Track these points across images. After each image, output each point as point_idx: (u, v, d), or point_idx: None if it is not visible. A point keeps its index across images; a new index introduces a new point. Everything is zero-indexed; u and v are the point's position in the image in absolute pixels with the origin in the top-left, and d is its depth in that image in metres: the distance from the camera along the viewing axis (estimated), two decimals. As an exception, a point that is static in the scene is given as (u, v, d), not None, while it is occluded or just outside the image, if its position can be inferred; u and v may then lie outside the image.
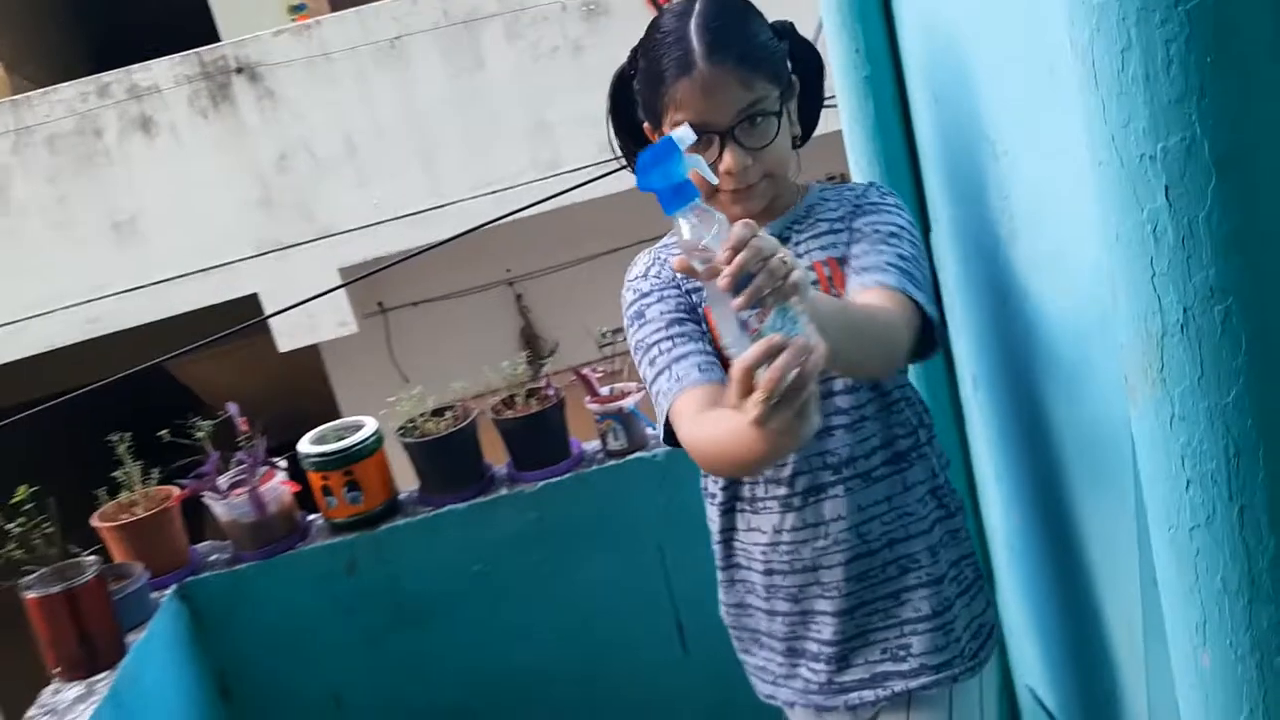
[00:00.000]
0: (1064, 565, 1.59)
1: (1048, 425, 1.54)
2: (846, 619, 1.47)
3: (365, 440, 2.27)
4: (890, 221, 1.44)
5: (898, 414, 1.45)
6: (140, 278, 5.06)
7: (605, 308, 6.66)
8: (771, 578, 1.50)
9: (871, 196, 1.49)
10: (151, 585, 2.22)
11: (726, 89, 1.33)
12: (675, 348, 1.39)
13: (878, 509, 1.44)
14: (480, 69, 5.23)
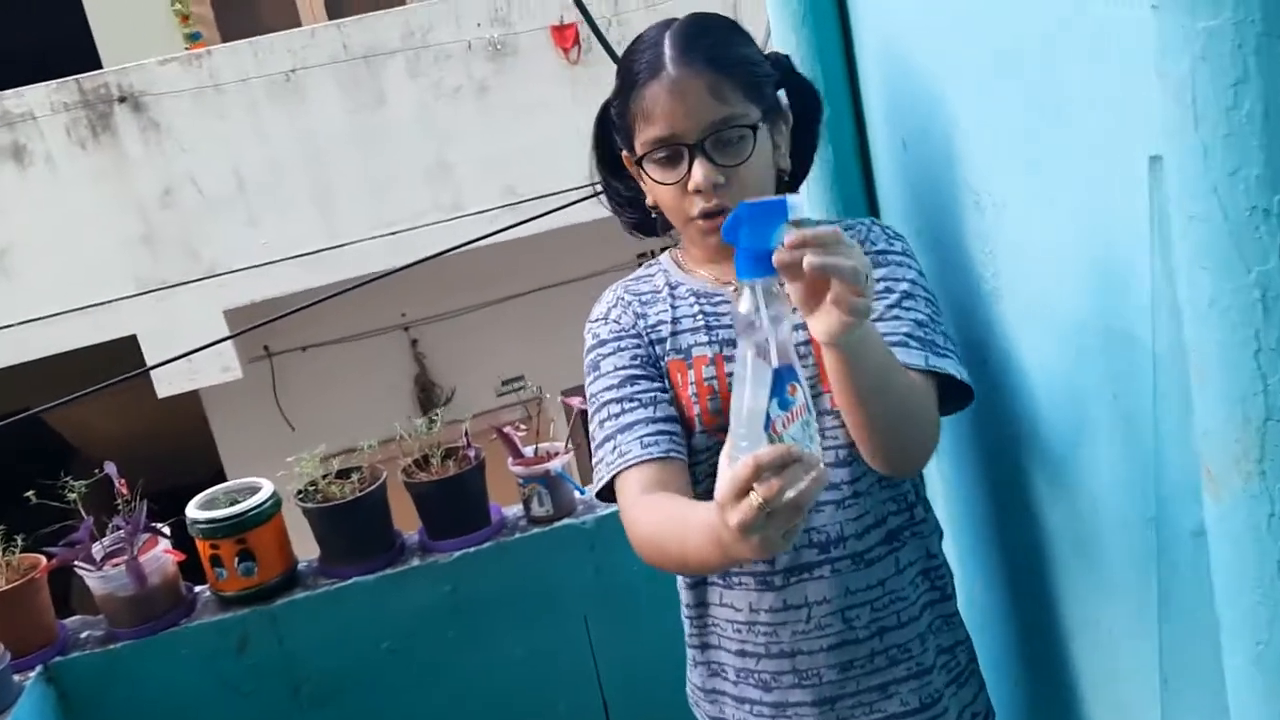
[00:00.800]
0: (1049, 657, 1.47)
1: (1028, 503, 1.42)
2: (826, 710, 1.32)
3: (261, 505, 2.05)
4: (901, 278, 1.30)
5: (894, 487, 1.32)
6: (8, 316, 4.69)
7: (504, 355, 6.48)
8: (744, 660, 1.35)
9: (877, 243, 1.34)
10: (13, 666, 1.96)
11: (696, 95, 1.21)
12: (624, 413, 1.29)
13: (869, 593, 1.30)
14: (380, 106, 5.03)
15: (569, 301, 6.43)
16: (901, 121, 1.54)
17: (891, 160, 1.61)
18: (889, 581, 1.31)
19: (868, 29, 1.59)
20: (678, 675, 2.21)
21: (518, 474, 2.15)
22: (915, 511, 1.35)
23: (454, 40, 4.97)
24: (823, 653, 1.31)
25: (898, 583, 1.32)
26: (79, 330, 4.76)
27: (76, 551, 2.02)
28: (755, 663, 1.34)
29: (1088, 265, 1.16)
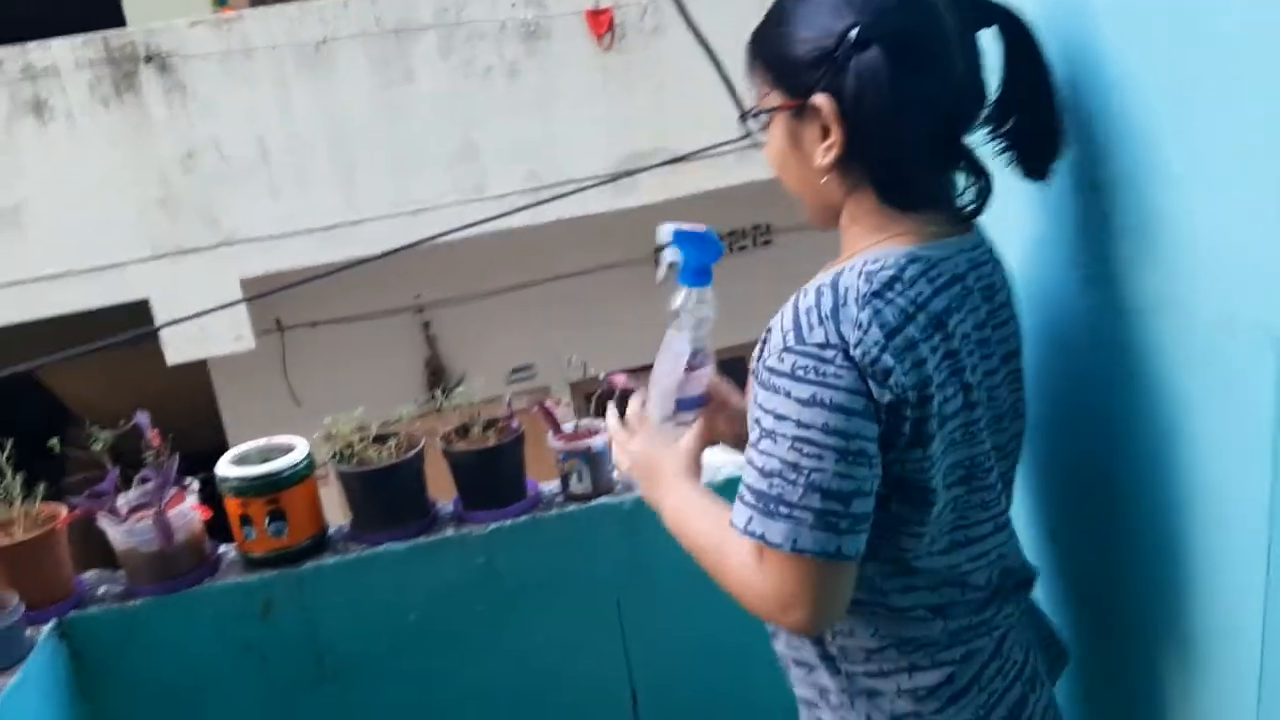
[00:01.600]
0: (1128, 662, 1.41)
1: (1112, 498, 1.36)
2: None
3: (295, 465, 1.98)
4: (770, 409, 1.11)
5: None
6: (17, 273, 4.61)
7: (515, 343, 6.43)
8: None
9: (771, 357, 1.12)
10: (26, 619, 1.88)
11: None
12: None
13: None
14: (409, 82, 4.96)
15: (582, 293, 6.38)
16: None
17: (983, 136, 1.55)
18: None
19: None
20: (709, 666, 2.15)
21: (557, 449, 2.08)
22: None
23: (488, 19, 4.90)
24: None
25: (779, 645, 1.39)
26: (90, 291, 4.68)
27: (101, 503, 1.94)
28: None
29: (1216, 250, 1.10)
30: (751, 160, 4.70)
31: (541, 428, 2.13)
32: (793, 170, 1.23)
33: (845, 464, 1.09)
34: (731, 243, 6.47)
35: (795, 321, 1.11)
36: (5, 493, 1.96)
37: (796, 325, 1.11)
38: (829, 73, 1.13)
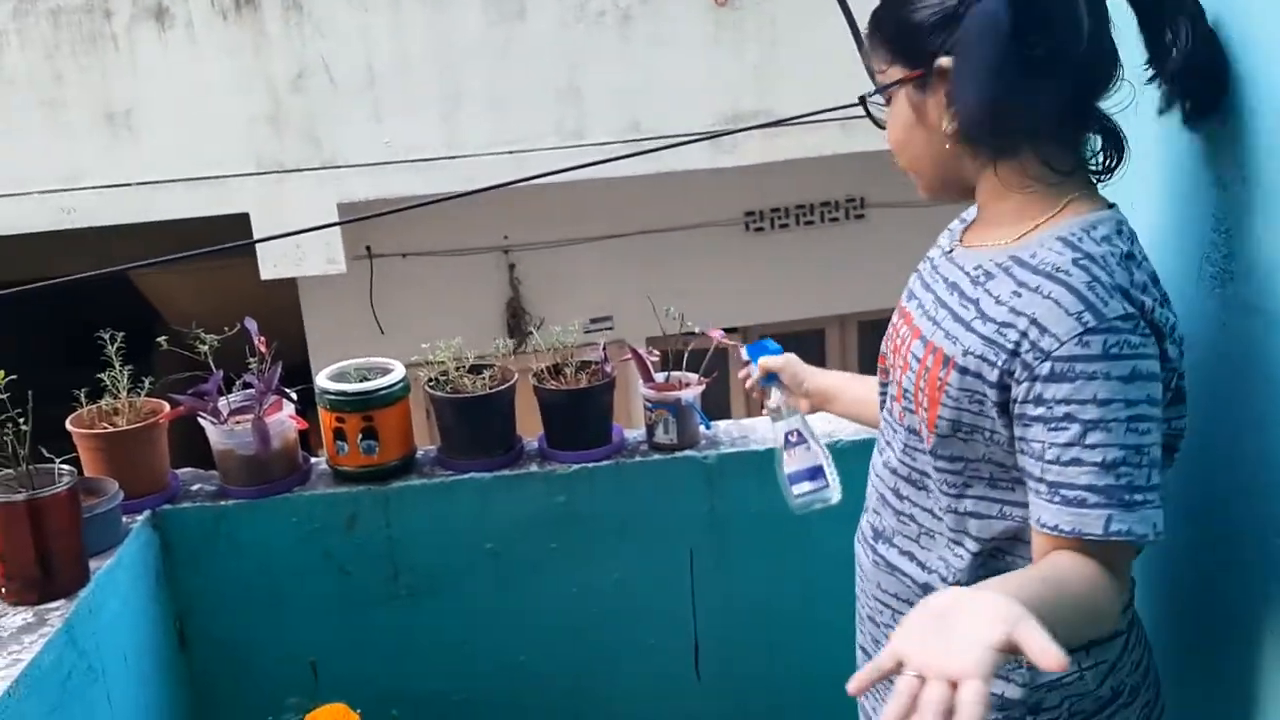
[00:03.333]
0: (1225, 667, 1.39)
1: (1224, 499, 1.34)
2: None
3: (392, 385, 2.02)
4: (1090, 397, 1.04)
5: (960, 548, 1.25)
6: (127, 175, 4.72)
7: (597, 293, 6.44)
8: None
9: (1067, 344, 1.05)
10: (123, 507, 1.95)
11: None
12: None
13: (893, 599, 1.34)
14: (520, 20, 4.96)
15: (669, 249, 6.37)
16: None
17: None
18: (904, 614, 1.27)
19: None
20: (772, 629, 2.17)
21: (648, 398, 2.09)
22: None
23: (606, -37, 4.88)
24: (864, 615, 1.40)
25: None
26: (193, 200, 4.78)
27: (203, 403, 2.00)
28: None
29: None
30: (854, 131, 4.64)
31: (629, 376, 2.15)
32: (918, 144, 1.21)
33: (1160, 433, 1.08)
34: (825, 213, 6.41)
35: (1083, 302, 1.06)
36: (113, 384, 2.03)
37: (1087, 305, 1.06)
38: (952, 33, 1.11)
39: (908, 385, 1.24)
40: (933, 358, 1.18)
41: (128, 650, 1.87)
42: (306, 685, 2.05)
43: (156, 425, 2.01)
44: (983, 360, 1.12)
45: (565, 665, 2.15)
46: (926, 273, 1.31)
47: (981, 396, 1.13)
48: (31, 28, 4.59)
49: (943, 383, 1.16)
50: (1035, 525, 1.11)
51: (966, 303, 1.18)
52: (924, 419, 1.20)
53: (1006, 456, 1.15)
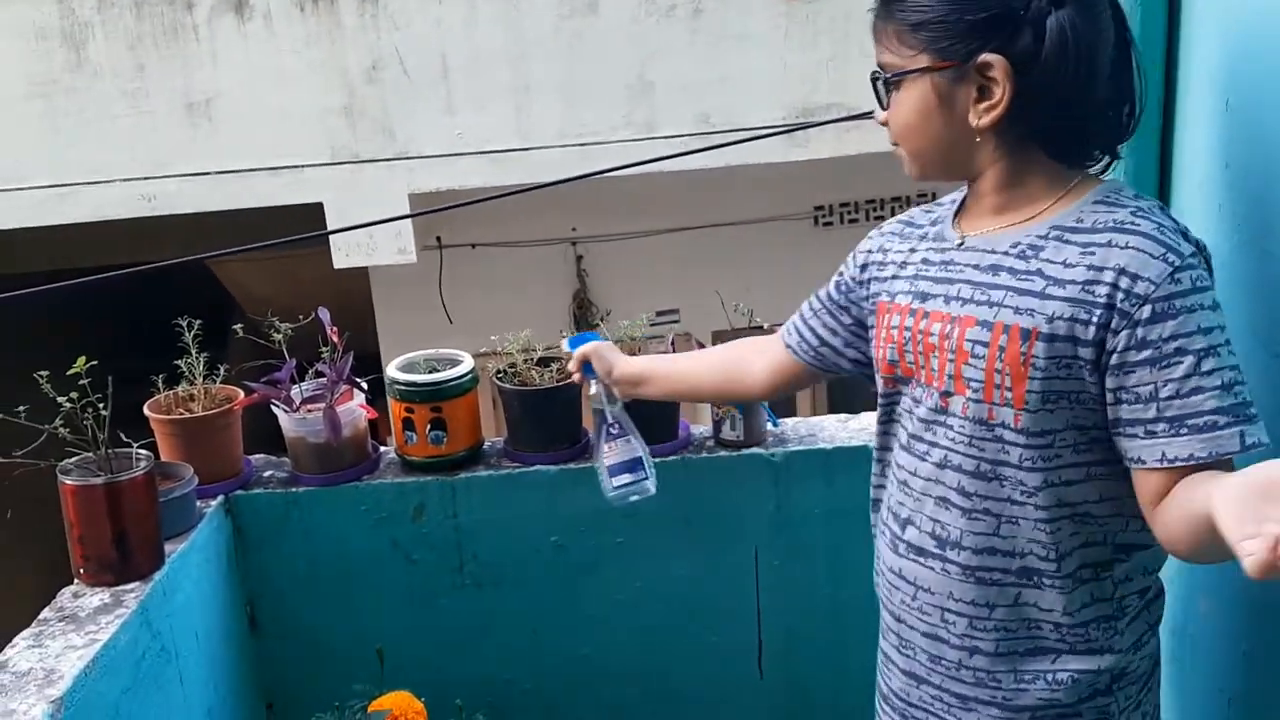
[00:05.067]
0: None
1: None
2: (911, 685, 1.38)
3: (461, 377, 2.03)
4: (1196, 328, 1.12)
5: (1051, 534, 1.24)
6: (206, 164, 4.81)
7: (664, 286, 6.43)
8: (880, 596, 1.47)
9: (1162, 284, 1.12)
10: (197, 492, 1.99)
11: (873, 38, 1.27)
12: (808, 301, 1.55)
13: (971, 609, 1.29)
14: (592, 13, 4.96)
15: (737, 242, 6.34)
16: (1231, 80, 1.41)
17: (1205, 123, 1.48)
18: (999, 610, 1.26)
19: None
20: (840, 627, 2.15)
21: (715, 393, 2.08)
22: (1071, 563, 1.24)
23: (679, -43, 4.86)
24: (919, 635, 1.34)
25: (1009, 615, 1.26)
26: (270, 189, 4.85)
27: (276, 391, 2.03)
28: (883, 605, 1.42)
29: None
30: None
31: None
32: (935, 129, 1.23)
33: None
34: (895, 208, 6.34)
35: (1162, 245, 1.14)
36: (189, 370, 2.07)
37: (1166, 247, 1.13)
38: (1007, 34, 1.15)
39: (973, 375, 1.22)
40: (1006, 336, 1.19)
41: (200, 632, 1.91)
42: (373, 672, 2.08)
43: (231, 412, 2.05)
44: (1074, 321, 1.16)
45: (629, 659, 2.15)
46: (934, 269, 1.30)
47: (1071, 359, 1.17)
48: (115, 19, 4.69)
49: (1027, 356, 1.17)
50: (1156, 465, 1.14)
51: (1026, 277, 1.20)
52: (1008, 399, 1.20)
53: (1088, 417, 1.19)
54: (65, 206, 4.78)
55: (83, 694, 1.52)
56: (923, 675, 1.35)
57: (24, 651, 1.60)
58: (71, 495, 1.76)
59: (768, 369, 1.61)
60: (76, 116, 4.73)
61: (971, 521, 1.27)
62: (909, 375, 1.31)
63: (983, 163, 1.25)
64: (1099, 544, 1.24)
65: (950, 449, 1.27)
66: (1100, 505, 1.23)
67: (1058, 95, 1.17)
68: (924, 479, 1.31)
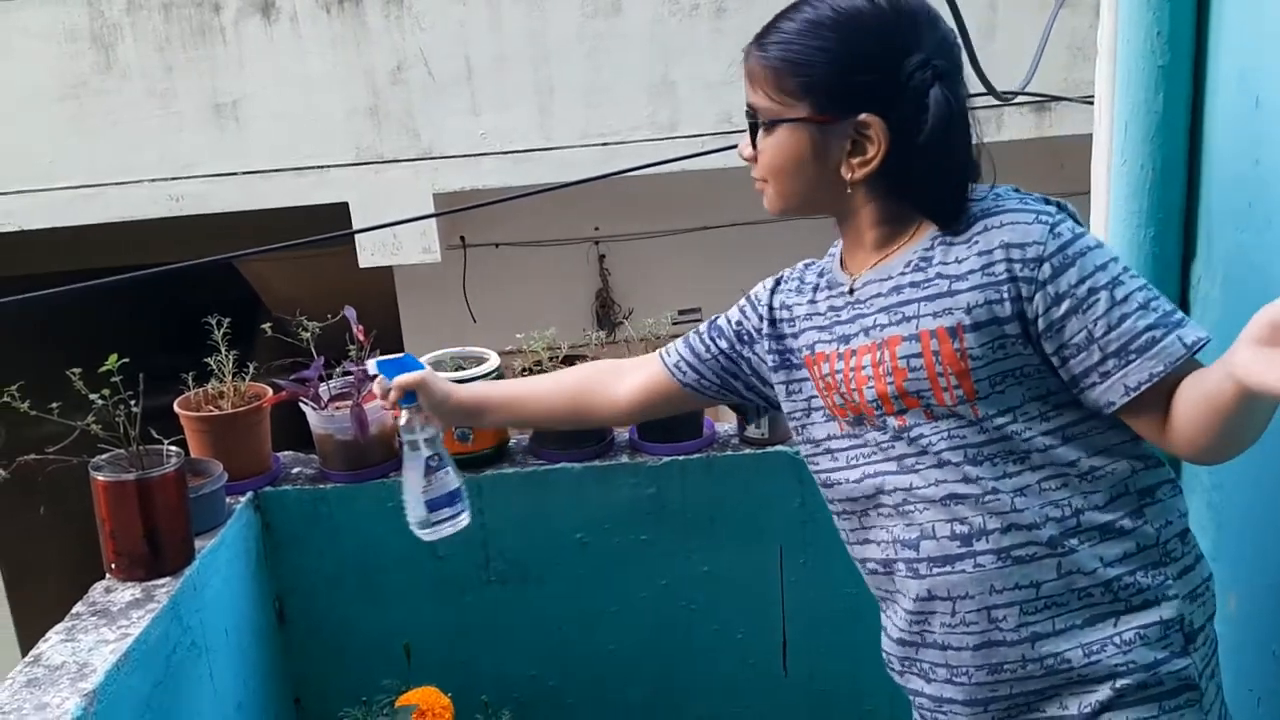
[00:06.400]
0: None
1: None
2: (979, 712, 1.30)
3: (487, 375, 2.05)
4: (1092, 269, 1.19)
5: (1064, 490, 1.24)
6: (233, 165, 4.85)
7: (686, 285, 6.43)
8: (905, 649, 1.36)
9: (1048, 242, 1.19)
10: (227, 489, 2.01)
11: (746, 78, 1.29)
12: (697, 335, 1.53)
13: (1017, 593, 1.25)
14: (616, 14, 4.97)
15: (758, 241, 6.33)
16: (1260, 77, 1.40)
17: (1235, 121, 1.47)
18: (1045, 586, 1.24)
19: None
20: (865, 626, 2.14)
21: (739, 391, 2.09)
22: (1096, 518, 1.23)
23: (702, -44, 4.87)
24: (969, 653, 1.27)
25: (1056, 589, 1.24)
26: (296, 189, 4.88)
27: (304, 389, 2.05)
28: (915, 651, 1.32)
29: None
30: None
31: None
32: (805, 175, 1.28)
33: None
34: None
35: (1030, 211, 1.21)
36: (218, 368, 2.09)
37: (1034, 211, 1.21)
38: (888, 97, 1.21)
39: (918, 386, 1.24)
40: (935, 339, 1.22)
41: (229, 627, 1.93)
42: (400, 667, 2.10)
43: (260, 409, 2.07)
44: (989, 304, 1.20)
45: (653, 656, 2.16)
46: (843, 312, 1.33)
47: (1001, 339, 1.21)
48: (144, 21, 4.74)
49: (962, 351, 1.21)
50: (1124, 399, 1.18)
51: (928, 284, 1.24)
52: (960, 396, 1.22)
53: (1042, 385, 1.22)
54: (94, 206, 4.83)
55: (115, 688, 1.54)
56: (987, 694, 1.29)
57: (57, 646, 1.62)
58: (103, 491, 1.78)
59: (637, 389, 1.57)
60: (105, 118, 4.78)
61: (986, 504, 1.25)
62: (859, 413, 1.31)
63: (851, 206, 1.30)
64: (1122, 495, 1.24)
65: (934, 453, 1.26)
66: (1097, 458, 1.24)
67: (930, 161, 1.23)
68: (923, 488, 1.28)
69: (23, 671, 1.56)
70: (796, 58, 1.22)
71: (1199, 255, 1.59)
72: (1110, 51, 1.65)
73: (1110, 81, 1.65)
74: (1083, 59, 4.42)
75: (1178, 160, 1.59)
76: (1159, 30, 1.53)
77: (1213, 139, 1.54)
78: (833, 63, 1.21)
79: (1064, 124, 4.77)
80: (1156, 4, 1.53)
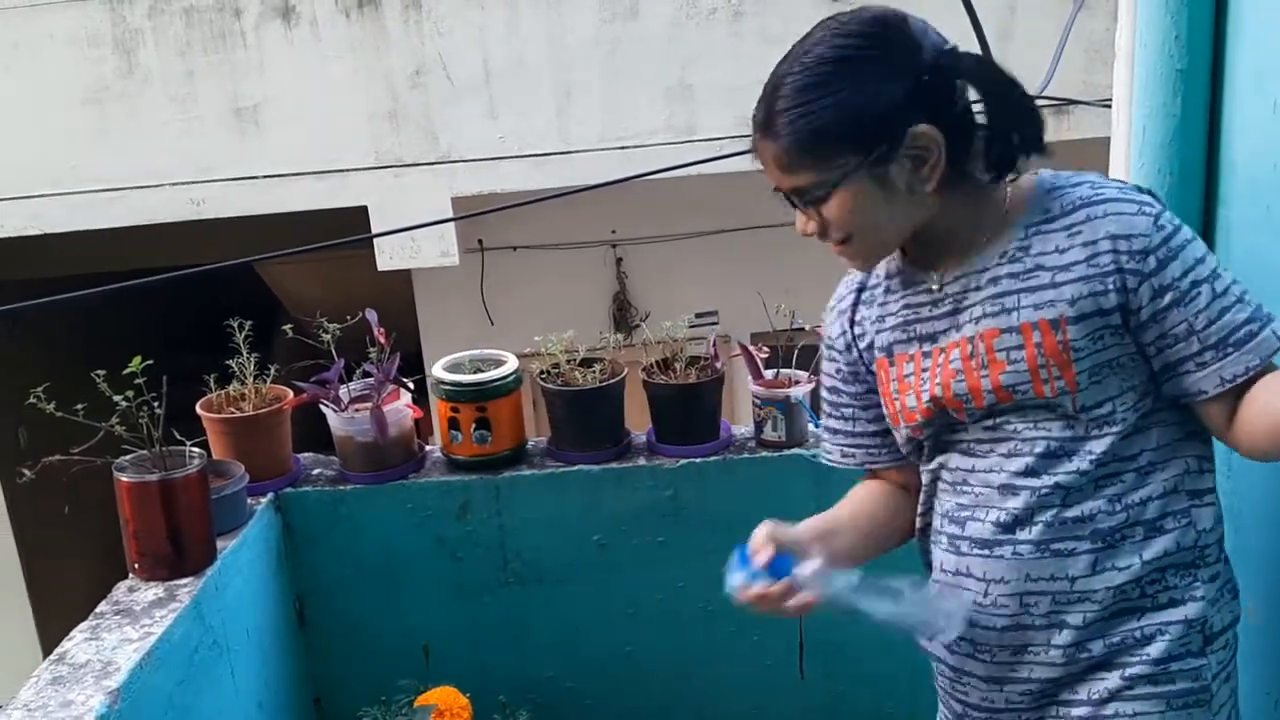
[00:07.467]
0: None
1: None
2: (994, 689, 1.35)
3: (505, 377, 2.06)
4: (1194, 261, 1.20)
5: (1115, 487, 1.25)
6: (253, 169, 4.88)
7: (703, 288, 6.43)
8: None
9: (1154, 235, 1.19)
10: (248, 490, 2.03)
11: (769, 164, 1.25)
12: (829, 415, 1.50)
13: (1051, 584, 1.27)
14: (633, 18, 4.99)
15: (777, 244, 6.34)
16: (1278, 81, 1.41)
17: (1253, 125, 1.48)
18: (1079, 581, 1.26)
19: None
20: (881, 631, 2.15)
21: (756, 394, 2.10)
22: (1144, 513, 1.24)
23: (720, -40, 4.88)
24: (996, 633, 1.30)
25: (1090, 584, 1.25)
26: (315, 193, 4.91)
27: (325, 391, 2.07)
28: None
29: None
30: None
31: (733, 372, 2.16)
32: (885, 213, 1.24)
33: None
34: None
35: (1132, 203, 1.21)
36: (239, 370, 2.11)
37: (1136, 203, 1.21)
38: (917, 103, 1.19)
39: (1015, 380, 1.23)
40: (1037, 332, 1.22)
41: (250, 627, 1.95)
42: (419, 667, 2.11)
43: (281, 411, 2.09)
44: (1093, 296, 1.20)
45: (671, 658, 2.17)
46: (925, 309, 1.31)
47: (1103, 330, 1.21)
48: (166, 26, 4.78)
49: (1065, 343, 1.21)
50: (1219, 389, 1.19)
51: (1028, 275, 1.24)
52: (1061, 387, 1.22)
53: (1135, 375, 1.23)
54: (116, 210, 4.87)
55: (139, 685, 1.56)
56: (1006, 674, 1.32)
57: (81, 644, 1.64)
58: (127, 492, 1.80)
59: (881, 504, 1.50)
60: (127, 122, 4.81)
61: (1039, 498, 1.26)
62: (943, 407, 1.31)
63: (934, 215, 1.26)
64: (1172, 493, 1.26)
65: (1011, 440, 1.27)
66: (1159, 452, 1.25)
67: (980, 124, 1.23)
68: (984, 472, 1.30)
69: (48, 669, 1.58)
70: (812, 125, 1.19)
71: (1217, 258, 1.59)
72: (1128, 55, 1.65)
73: (1128, 85, 1.65)
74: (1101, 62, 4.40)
75: (1196, 164, 1.59)
76: (1177, 34, 1.54)
77: (1230, 143, 1.54)
78: (853, 107, 1.18)
79: (1083, 127, 4.75)
80: (1175, 8, 1.53)
